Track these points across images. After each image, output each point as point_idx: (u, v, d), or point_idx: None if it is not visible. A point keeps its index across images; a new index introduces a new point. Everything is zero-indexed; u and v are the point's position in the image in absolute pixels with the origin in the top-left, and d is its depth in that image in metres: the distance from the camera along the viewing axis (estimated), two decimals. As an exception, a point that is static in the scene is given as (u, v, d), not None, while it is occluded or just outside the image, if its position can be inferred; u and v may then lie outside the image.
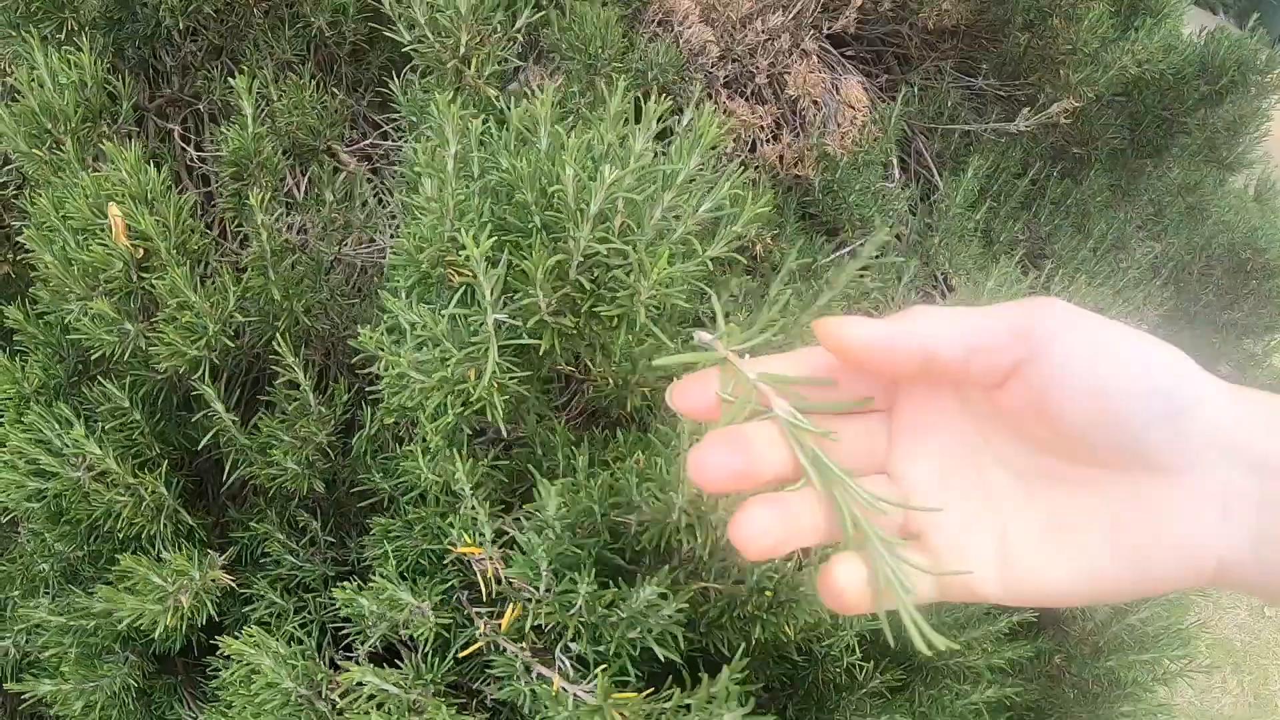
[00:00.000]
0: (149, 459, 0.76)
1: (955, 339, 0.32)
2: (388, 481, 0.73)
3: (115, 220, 0.67)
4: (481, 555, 0.67)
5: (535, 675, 0.66)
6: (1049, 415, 0.31)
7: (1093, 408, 0.30)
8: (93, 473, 0.73)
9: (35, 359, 0.76)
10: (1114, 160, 1.43)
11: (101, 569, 0.85)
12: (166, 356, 0.69)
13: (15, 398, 0.76)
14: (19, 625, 0.88)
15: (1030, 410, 0.32)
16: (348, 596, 0.63)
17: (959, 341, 0.32)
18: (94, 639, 0.84)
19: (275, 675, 0.62)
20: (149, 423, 0.75)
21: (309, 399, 0.71)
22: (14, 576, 0.93)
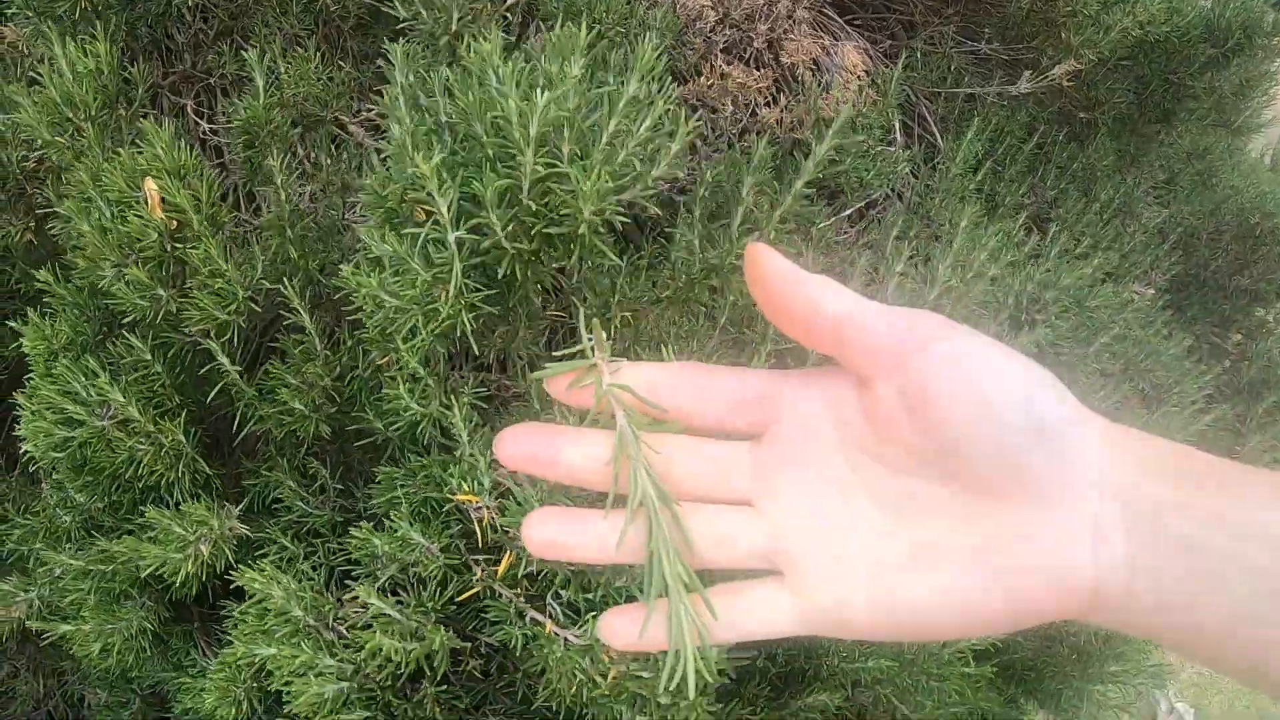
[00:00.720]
0: (169, 409, 0.81)
1: (851, 301, 0.33)
2: (381, 421, 0.77)
3: (151, 194, 0.72)
4: (479, 504, 0.71)
5: (528, 620, 0.71)
6: (929, 419, 0.31)
7: (974, 414, 0.30)
8: (116, 420, 0.78)
9: (64, 318, 0.81)
10: (1121, 126, 1.45)
11: (122, 519, 0.91)
12: (198, 321, 0.74)
13: (44, 353, 0.81)
14: (42, 577, 0.94)
15: (909, 416, 0.32)
16: (363, 537, 0.68)
17: (852, 303, 0.33)
18: (112, 584, 0.90)
19: (285, 604, 0.67)
20: (170, 376, 0.80)
21: (315, 343, 0.76)
22: (37, 530, 0.99)
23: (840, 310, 0.33)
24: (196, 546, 0.77)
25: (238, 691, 0.82)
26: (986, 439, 0.30)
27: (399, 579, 0.73)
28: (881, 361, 0.33)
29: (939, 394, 0.31)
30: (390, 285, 0.63)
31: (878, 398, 0.33)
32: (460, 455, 0.71)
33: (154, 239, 0.74)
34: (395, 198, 0.69)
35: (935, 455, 0.32)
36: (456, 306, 0.64)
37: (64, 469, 0.88)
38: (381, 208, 0.70)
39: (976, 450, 0.31)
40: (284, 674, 0.72)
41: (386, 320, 0.66)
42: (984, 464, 0.31)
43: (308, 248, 0.84)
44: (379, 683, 0.65)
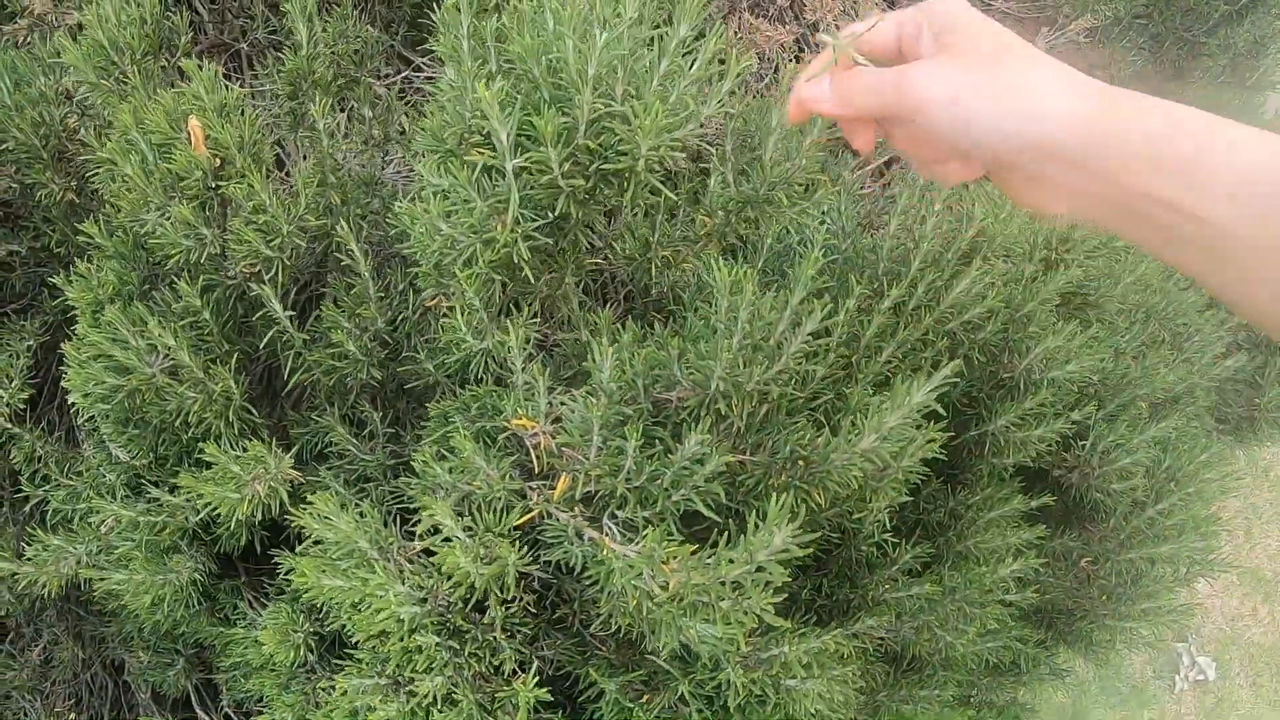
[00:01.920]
0: (218, 355, 0.84)
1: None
2: (432, 361, 0.81)
3: (194, 131, 0.76)
4: (535, 429, 0.75)
5: (586, 539, 0.74)
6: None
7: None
8: (166, 368, 0.81)
9: (109, 268, 0.84)
10: (1138, 84, 1.49)
11: (169, 472, 0.94)
12: (242, 257, 0.78)
13: (91, 303, 0.84)
14: (89, 534, 0.97)
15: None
16: (426, 464, 0.72)
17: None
18: (161, 536, 0.93)
19: (351, 537, 0.70)
20: (217, 323, 0.84)
21: (368, 286, 0.79)
22: (80, 492, 1.03)
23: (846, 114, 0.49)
24: (253, 486, 0.80)
25: (296, 635, 0.86)
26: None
27: (459, 510, 0.76)
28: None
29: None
30: (449, 216, 0.66)
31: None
32: (515, 383, 0.74)
33: (198, 176, 0.77)
34: (454, 138, 0.73)
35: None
36: (513, 235, 0.68)
37: (110, 422, 0.91)
38: (437, 149, 0.74)
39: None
40: (348, 606, 0.76)
41: (443, 252, 0.69)
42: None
43: (349, 195, 0.88)
44: (449, 606, 0.69)
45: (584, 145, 0.70)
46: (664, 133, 0.68)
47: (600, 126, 0.70)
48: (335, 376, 0.88)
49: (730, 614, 0.62)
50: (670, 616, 0.66)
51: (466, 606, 0.69)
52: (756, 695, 0.79)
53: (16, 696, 1.18)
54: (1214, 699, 2.16)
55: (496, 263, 0.69)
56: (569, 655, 0.82)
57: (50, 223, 1.00)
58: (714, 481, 0.72)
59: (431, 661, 0.68)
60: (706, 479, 0.72)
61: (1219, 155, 0.39)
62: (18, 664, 1.17)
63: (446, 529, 0.65)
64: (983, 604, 0.86)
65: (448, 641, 0.68)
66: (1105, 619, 1.06)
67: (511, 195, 0.67)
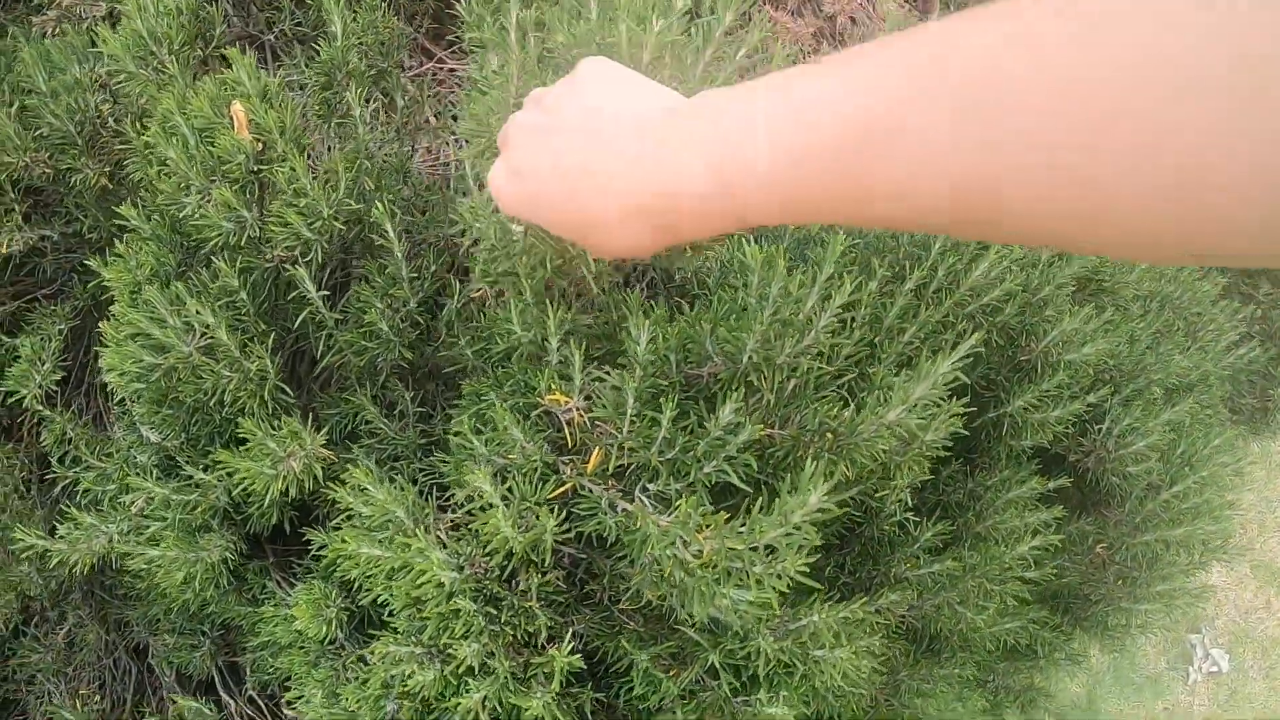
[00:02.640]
0: (254, 335, 0.88)
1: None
2: (472, 348, 0.84)
3: (238, 115, 0.79)
4: (569, 404, 0.78)
5: (619, 510, 0.77)
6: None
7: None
8: (203, 344, 0.85)
9: (146, 250, 0.88)
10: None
11: (201, 453, 0.98)
12: (282, 240, 0.81)
13: (129, 284, 0.88)
14: (119, 515, 1.01)
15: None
16: (462, 436, 0.75)
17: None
18: (193, 515, 0.96)
19: (388, 507, 0.73)
20: (253, 304, 0.87)
21: (401, 267, 0.83)
22: (110, 474, 1.06)
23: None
24: (288, 463, 0.84)
25: (328, 610, 0.89)
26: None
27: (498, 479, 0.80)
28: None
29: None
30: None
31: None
32: (550, 360, 0.78)
33: (240, 160, 0.81)
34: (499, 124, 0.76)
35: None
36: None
37: (145, 402, 0.95)
38: (487, 138, 0.77)
39: None
40: (384, 577, 0.79)
41: (507, 258, 0.73)
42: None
43: (382, 182, 0.91)
44: (486, 573, 0.72)
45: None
46: None
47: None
48: (366, 357, 0.91)
49: (764, 578, 0.65)
50: (704, 584, 0.69)
51: (503, 574, 0.73)
52: (785, 665, 0.82)
53: (41, 679, 1.21)
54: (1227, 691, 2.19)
55: (560, 270, 0.73)
56: (598, 629, 0.85)
57: (82, 209, 1.03)
58: (747, 452, 0.75)
59: (469, 627, 0.71)
60: (740, 449, 0.75)
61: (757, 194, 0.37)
62: (43, 647, 1.20)
63: (486, 495, 0.68)
64: (1002, 580, 0.89)
65: (485, 608, 0.71)
66: (1121, 602, 1.09)
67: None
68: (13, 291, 1.10)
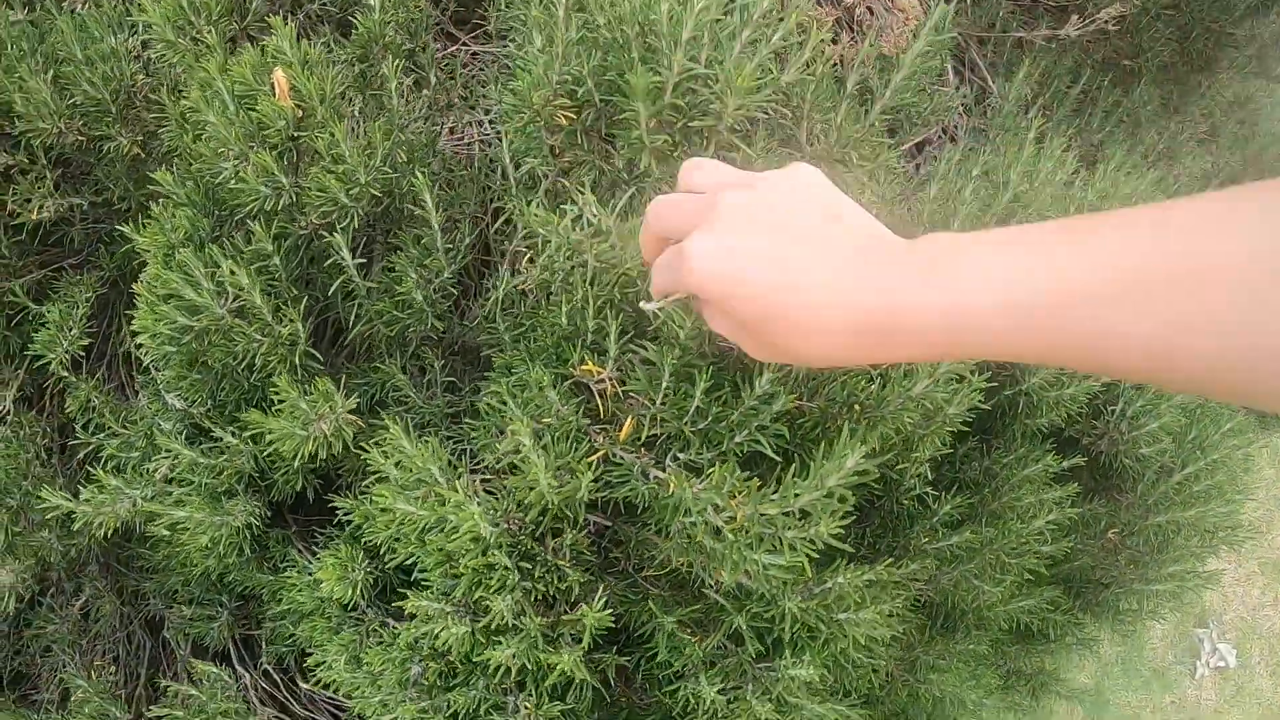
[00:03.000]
0: (288, 299, 0.89)
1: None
2: (510, 333, 0.86)
3: (280, 82, 0.81)
4: (601, 375, 0.80)
5: (651, 478, 0.79)
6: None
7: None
8: (236, 305, 0.86)
9: (182, 214, 0.90)
10: (1164, 74, 1.56)
11: (227, 419, 0.99)
12: (319, 205, 0.83)
13: (163, 247, 0.89)
14: (143, 480, 1.02)
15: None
16: (499, 397, 0.77)
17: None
18: (219, 480, 0.98)
19: (422, 457, 0.75)
20: (286, 270, 0.89)
21: (437, 238, 0.85)
22: (134, 441, 1.08)
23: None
24: (318, 425, 0.85)
25: (355, 572, 0.91)
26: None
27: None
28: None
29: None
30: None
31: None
32: (583, 330, 0.80)
33: (281, 125, 0.83)
34: (542, 101, 0.79)
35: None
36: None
37: (174, 365, 0.96)
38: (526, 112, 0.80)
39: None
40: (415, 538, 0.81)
41: (575, 271, 0.75)
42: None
43: (415, 154, 0.93)
44: (521, 528, 0.74)
45: (671, 104, 0.75)
46: (749, 94, 0.74)
47: (686, 87, 0.76)
48: (397, 328, 0.93)
49: (796, 542, 0.67)
50: (735, 550, 0.70)
51: (538, 530, 0.74)
52: (808, 629, 0.84)
53: (56, 650, 1.22)
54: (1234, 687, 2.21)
55: (620, 285, 0.75)
56: (623, 596, 0.87)
57: (113, 178, 1.05)
58: (778, 422, 0.77)
59: (504, 582, 0.73)
60: (773, 418, 0.77)
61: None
62: (59, 618, 1.21)
63: (525, 448, 0.70)
64: (1019, 553, 0.91)
65: (519, 563, 0.73)
66: (1133, 584, 1.11)
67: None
68: (40, 260, 1.12)
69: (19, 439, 1.09)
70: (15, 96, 0.96)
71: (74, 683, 1.13)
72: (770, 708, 0.80)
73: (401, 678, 0.87)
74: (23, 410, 1.12)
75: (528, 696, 0.84)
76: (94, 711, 1.10)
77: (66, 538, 1.13)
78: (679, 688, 0.87)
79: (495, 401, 0.78)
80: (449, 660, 0.88)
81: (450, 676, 0.88)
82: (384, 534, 0.88)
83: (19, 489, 1.08)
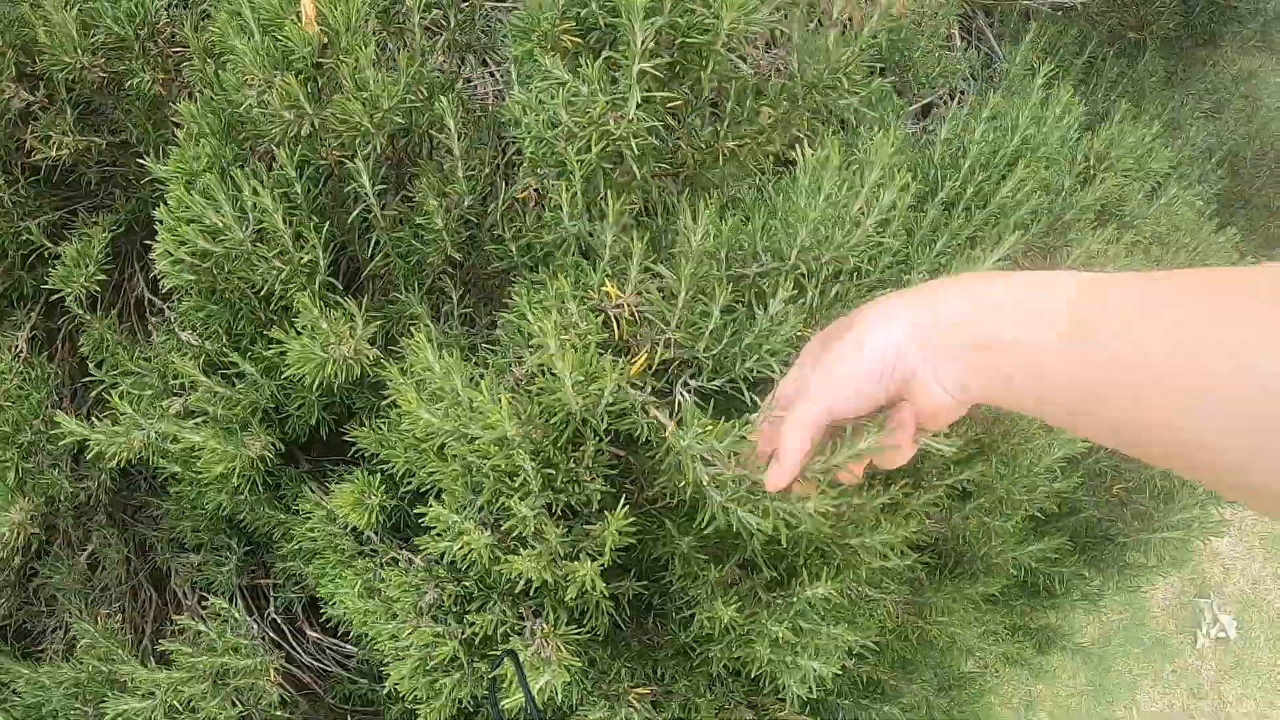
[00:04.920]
0: (308, 227, 0.92)
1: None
2: (517, 242, 0.89)
3: (306, 10, 0.84)
4: (620, 299, 0.83)
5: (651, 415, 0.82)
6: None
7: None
8: (259, 229, 0.89)
9: (205, 142, 0.92)
10: (1169, 47, 1.60)
11: (243, 352, 1.01)
12: (342, 132, 0.86)
13: (186, 173, 0.92)
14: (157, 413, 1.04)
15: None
16: (518, 315, 0.80)
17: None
18: (234, 411, 1.00)
19: (445, 376, 0.77)
20: (308, 198, 0.92)
21: (458, 165, 0.87)
22: (147, 379, 1.10)
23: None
24: (339, 349, 0.88)
25: (371, 499, 0.93)
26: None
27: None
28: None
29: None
30: (571, 108, 0.75)
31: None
32: (604, 255, 0.82)
33: (306, 52, 0.85)
34: (550, 23, 0.82)
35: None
36: (629, 128, 0.77)
37: (194, 294, 0.99)
38: (535, 33, 0.83)
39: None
40: (435, 451, 0.83)
41: (552, 142, 0.78)
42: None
43: (435, 90, 0.96)
44: (545, 434, 0.76)
45: (670, 22, 0.79)
46: (742, 9, 0.77)
47: (684, 7, 0.79)
48: (414, 258, 0.96)
49: (781, 510, 0.69)
50: (733, 502, 0.72)
51: (559, 439, 0.77)
52: (822, 553, 0.86)
53: (62, 599, 1.23)
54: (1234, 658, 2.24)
55: (606, 155, 0.78)
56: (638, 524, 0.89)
57: (132, 117, 1.08)
58: (790, 345, 0.80)
59: (528, 487, 0.75)
60: (784, 341, 0.79)
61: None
62: (65, 567, 1.23)
63: (551, 354, 0.72)
64: (1030, 488, 0.94)
65: (542, 469, 0.75)
66: (1139, 534, 1.14)
67: (633, 93, 0.76)
68: (54, 202, 1.14)
69: (31, 379, 1.11)
70: (39, 30, 0.98)
71: (80, 628, 1.14)
72: (786, 628, 0.83)
73: (417, 603, 0.89)
74: (35, 352, 1.14)
75: (544, 620, 0.87)
76: (100, 655, 1.11)
77: (76, 480, 1.15)
78: (694, 615, 0.89)
79: (515, 317, 0.80)
80: (465, 585, 0.90)
81: (467, 600, 0.90)
82: (402, 457, 0.91)
83: (30, 427, 1.10)
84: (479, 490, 0.78)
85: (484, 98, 1.22)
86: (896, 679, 1.13)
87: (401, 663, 0.85)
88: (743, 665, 0.88)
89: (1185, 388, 0.39)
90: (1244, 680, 2.22)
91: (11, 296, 1.17)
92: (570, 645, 0.83)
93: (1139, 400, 0.41)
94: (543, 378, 0.75)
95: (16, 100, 1.05)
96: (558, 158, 0.82)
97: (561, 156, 0.81)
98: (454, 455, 0.79)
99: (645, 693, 0.95)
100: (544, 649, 0.79)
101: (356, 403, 1.04)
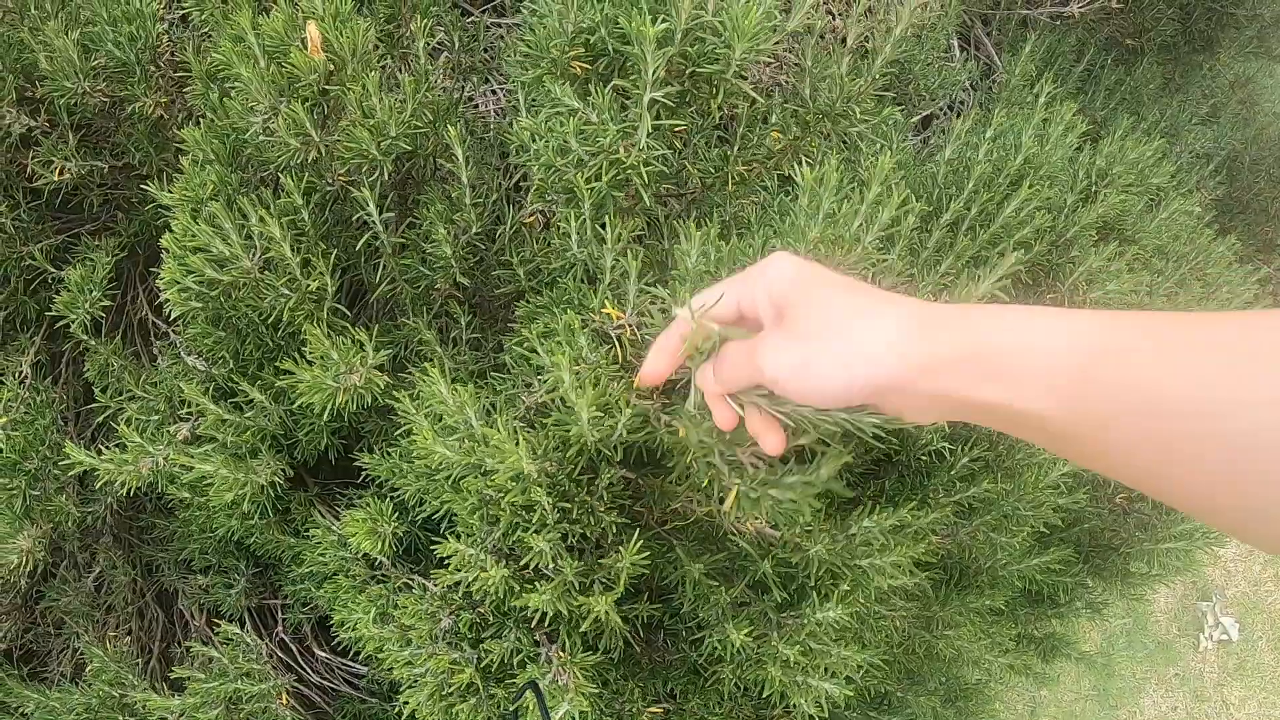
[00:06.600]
0: (315, 254, 0.93)
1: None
2: (524, 267, 0.90)
3: (312, 36, 0.85)
4: (621, 319, 0.84)
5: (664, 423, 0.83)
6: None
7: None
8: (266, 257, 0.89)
9: (210, 168, 0.93)
10: (1166, 54, 1.61)
11: (250, 379, 1.02)
12: (348, 158, 0.87)
13: (192, 201, 0.93)
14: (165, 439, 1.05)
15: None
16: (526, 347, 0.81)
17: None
18: (243, 438, 1.01)
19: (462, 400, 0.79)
20: (315, 225, 0.93)
21: (466, 192, 0.88)
22: (153, 405, 1.10)
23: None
24: (349, 377, 0.89)
25: (383, 527, 0.94)
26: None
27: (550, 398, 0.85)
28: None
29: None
30: (582, 137, 0.76)
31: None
32: (603, 279, 0.83)
33: (313, 79, 0.86)
34: (560, 49, 0.83)
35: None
36: (639, 157, 0.78)
37: (199, 322, 0.99)
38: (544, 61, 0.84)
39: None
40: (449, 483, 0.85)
41: (562, 170, 0.79)
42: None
43: (440, 114, 0.97)
44: (560, 467, 0.77)
45: (680, 51, 0.80)
46: (754, 40, 0.78)
47: (694, 36, 0.81)
48: (422, 285, 0.97)
49: (799, 485, 0.71)
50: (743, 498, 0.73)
51: (575, 471, 0.78)
52: (832, 575, 0.88)
53: (69, 623, 1.24)
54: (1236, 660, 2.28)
55: (615, 182, 0.79)
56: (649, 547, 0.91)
57: (134, 139, 1.08)
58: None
59: (544, 521, 0.76)
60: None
61: (1032, 354, 0.45)
62: (72, 590, 1.23)
63: (564, 386, 0.73)
64: (1035, 504, 0.96)
65: (558, 503, 0.76)
66: (1143, 544, 1.16)
67: (644, 122, 0.77)
68: (57, 226, 1.15)
69: (36, 404, 1.12)
70: (40, 56, 0.99)
71: (90, 652, 1.15)
72: (797, 650, 0.84)
73: (433, 630, 0.91)
74: (39, 377, 1.14)
75: (560, 647, 0.88)
76: (111, 679, 1.12)
77: (82, 504, 1.16)
78: (705, 636, 0.91)
79: (525, 349, 0.81)
80: (481, 611, 0.91)
81: (482, 627, 0.91)
82: (414, 485, 0.92)
83: (36, 454, 1.10)
84: (494, 522, 0.79)
85: (486, 115, 1.23)
86: (904, 691, 1.15)
87: (417, 689, 0.86)
88: (754, 684, 0.90)
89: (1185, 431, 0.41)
90: (1246, 682, 2.26)
91: (15, 321, 1.17)
92: (586, 671, 0.84)
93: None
94: (557, 411, 0.76)
95: (18, 125, 1.05)
96: (566, 184, 0.83)
97: (571, 184, 0.82)
98: (469, 486, 0.80)
99: (658, 711, 0.96)
100: (560, 676, 0.81)
101: (365, 426, 1.05)
